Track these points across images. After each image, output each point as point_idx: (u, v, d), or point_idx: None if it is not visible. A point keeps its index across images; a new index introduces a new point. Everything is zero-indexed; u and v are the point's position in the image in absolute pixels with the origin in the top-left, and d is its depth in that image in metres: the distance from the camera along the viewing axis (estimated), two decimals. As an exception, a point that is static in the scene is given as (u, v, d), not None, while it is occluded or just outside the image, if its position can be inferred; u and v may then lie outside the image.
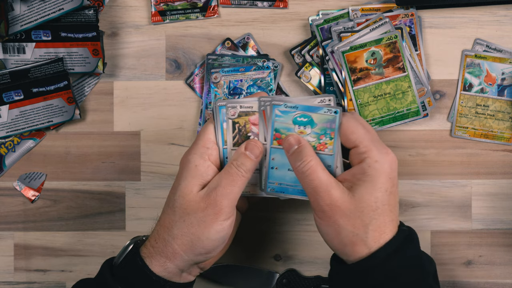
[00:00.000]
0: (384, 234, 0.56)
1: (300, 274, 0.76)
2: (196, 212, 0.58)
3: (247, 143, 0.60)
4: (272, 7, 0.75)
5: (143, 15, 0.76)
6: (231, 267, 0.76)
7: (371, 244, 0.55)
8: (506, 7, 0.75)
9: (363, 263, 0.55)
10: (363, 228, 0.55)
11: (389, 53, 0.71)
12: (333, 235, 0.56)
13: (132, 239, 0.62)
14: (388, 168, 0.56)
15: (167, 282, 0.59)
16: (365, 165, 0.56)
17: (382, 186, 0.55)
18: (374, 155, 0.56)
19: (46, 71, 0.72)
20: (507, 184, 0.75)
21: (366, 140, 0.57)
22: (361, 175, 0.56)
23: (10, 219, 0.77)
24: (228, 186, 0.58)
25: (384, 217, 0.56)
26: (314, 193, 0.56)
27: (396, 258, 0.55)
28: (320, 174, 0.56)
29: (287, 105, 0.59)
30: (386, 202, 0.56)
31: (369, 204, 0.55)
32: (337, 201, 0.55)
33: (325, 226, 0.57)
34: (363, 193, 0.55)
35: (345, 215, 0.55)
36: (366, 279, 0.55)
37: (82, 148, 0.76)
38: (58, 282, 0.77)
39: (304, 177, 0.57)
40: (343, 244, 0.56)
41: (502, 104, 0.74)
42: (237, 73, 0.74)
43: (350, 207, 0.55)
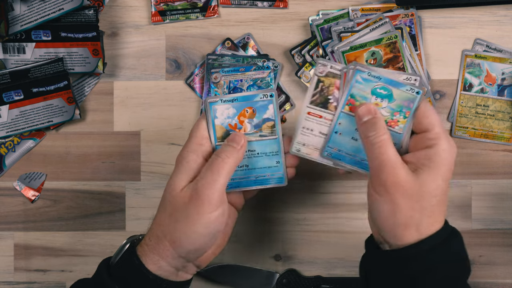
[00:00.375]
0: (435, 223, 0.55)
1: (300, 274, 0.76)
2: (182, 207, 0.57)
3: (231, 135, 0.60)
4: (272, 7, 0.75)
5: (143, 15, 0.76)
6: (231, 267, 0.76)
7: (422, 230, 0.54)
8: (506, 7, 0.75)
9: (410, 248, 0.54)
10: (420, 212, 0.54)
11: (389, 53, 0.71)
12: (388, 214, 0.55)
13: (129, 238, 0.62)
14: (452, 159, 0.56)
15: (163, 281, 0.59)
16: (432, 152, 0.55)
17: (445, 175, 0.55)
18: (443, 143, 0.55)
19: (46, 71, 0.72)
20: (507, 184, 0.75)
21: (438, 127, 0.56)
22: (426, 160, 0.55)
23: (10, 219, 0.77)
24: (209, 176, 0.57)
25: (439, 206, 0.55)
26: (380, 167, 0.55)
27: (442, 250, 0.55)
28: (390, 150, 0.55)
29: (370, 73, 0.58)
30: (444, 191, 0.55)
31: (431, 190, 0.54)
32: (401, 180, 0.54)
33: (382, 203, 0.55)
34: (427, 178, 0.55)
35: (406, 196, 0.54)
36: (408, 267, 0.54)
37: (82, 148, 0.76)
38: (58, 282, 0.77)
39: (373, 148, 0.56)
40: (397, 224, 0.55)
41: (502, 104, 0.74)
42: (237, 73, 0.74)
43: (412, 189, 0.54)
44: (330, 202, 0.76)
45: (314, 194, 0.76)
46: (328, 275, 0.76)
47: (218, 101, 0.61)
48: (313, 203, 0.76)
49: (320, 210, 0.76)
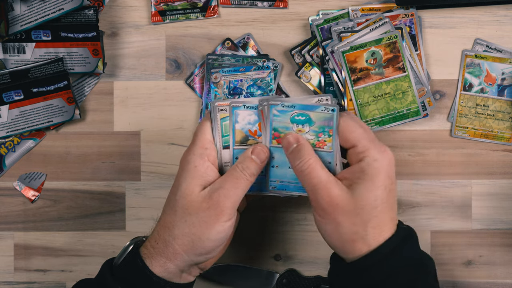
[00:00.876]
0: (383, 232, 0.56)
1: (300, 274, 0.76)
2: (198, 212, 0.58)
3: (254, 147, 0.60)
4: (272, 7, 0.75)
5: (143, 15, 0.76)
6: (231, 267, 0.76)
7: (370, 242, 0.55)
8: (506, 7, 0.75)
9: (362, 261, 0.55)
10: (363, 225, 0.55)
11: (389, 53, 0.71)
12: (332, 233, 0.57)
13: (132, 240, 0.62)
14: (387, 166, 0.56)
15: (167, 283, 0.59)
16: (364, 164, 0.56)
17: (382, 184, 0.55)
18: (373, 154, 0.56)
19: (46, 71, 0.72)
20: (507, 184, 0.75)
21: (365, 140, 0.57)
22: (360, 173, 0.56)
23: (10, 219, 0.77)
24: (231, 188, 0.58)
25: (383, 214, 0.56)
26: (314, 191, 0.56)
27: (395, 256, 0.55)
28: (320, 172, 0.56)
29: (284, 104, 0.60)
30: (385, 200, 0.56)
31: (369, 202, 0.55)
32: (336, 198, 0.55)
33: (324, 224, 0.57)
34: (363, 191, 0.55)
35: (345, 213, 0.55)
36: (365, 277, 0.55)
37: (82, 148, 0.76)
38: (58, 282, 0.77)
39: (303, 175, 0.57)
40: (343, 241, 0.56)
41: (502, 104, 0.74)
42: (237, 73, 0.74)
43: (349, 205, 0.55)
44: (330, 202, 0.76)
45: (314, 194, 0.76)
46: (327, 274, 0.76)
47: (241, 107, 0.61)
48: None
49: (320, 210, 0.76)
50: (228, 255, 0.76)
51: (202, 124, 0.61)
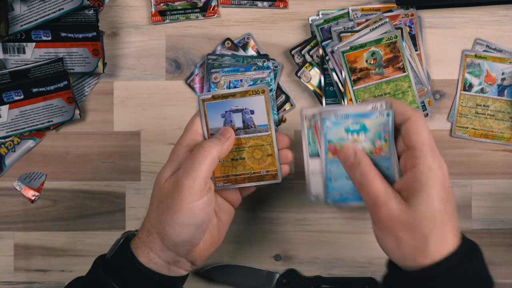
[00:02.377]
0: (445, 244, 0.54)
1: (300, 274, 0.76)
2: (166, 198, 0.58)
3: (220, 130, 0.61)
4: (272, 7, 0.75)
5: (143, 15, 0.76)
6: (231, 267, 0.76)
7: (433, 255, 0.53)
8: (506, 7, 0.75)
9: (424, 272, 0.53)
10: (423, 240, 0.53)
11: (389, 53, 0.71)
12: (393, 247, 0.55)
13: (124, 233, 0.63)
14: (441, 176, 0.54)
15: (156, 274, 0.59)
16: (418, 173, 0.54)
17: (438, 195, 0.53)
18: (428, 162, 0.54)
19: (46, 71, 0.72)
20: (507, 184, 0.75)
21: (426, 145, 0.55)
22: (416, 184, 0.54)
23: (10, 219, 0.77)
24: (189, 165, 0.57)
25: (443, 227, 0.54)
26: (373, 204, 0.55)
27: (459, 271, 0.53)
28: (378, 185, 0.55)
29: (337, 115, 0.58)
30: (444, 211, 0.54)
31: (427, 215, 0.53)
32: (395, 213, 0.54)
33: (384, 239, 0.55)
34: (420, 204, 0.53)
35: (404, 228, 0.53)
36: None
37: (82, 148, 0.76)
38: (58, 282, 0.77)
39: (362, 188, 0.56)
40: (404, 256, 0.54)
41: (502, 104, 0.74)
42: (237, 73, 0.74)
43: (408, 218, 0.53)
44: (330, 202, 0.76)
45: (314, 194, 0.76)
46: (328, 275, 0.76)
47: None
48: (313, 203, 0.76)
49: (320, 210, 0.76)
50: (228, 255, 0.76)
51: (193, 118, 0.62)
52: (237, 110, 0.61)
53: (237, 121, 0.62)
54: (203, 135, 0.62)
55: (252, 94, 0.61)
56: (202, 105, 0.61)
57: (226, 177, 0.63)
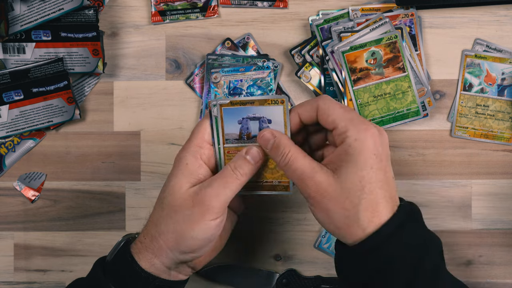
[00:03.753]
0: (378, 213, 0.54)
1: (300, 274, 0.76)
2: (183, 209, 0.57)
3: (248, 148, 0.60)
4: (272, 7, 0.75)
5: (143, 15, 0.76)
6: (231, 267, 0.76)
7: (364, 225, 0.54)
8: (506, 7, 0.75)
9: (360, 246, 0.54)
10: (353, 209, 0.54)
11: (389, 53, 0.71)
12: (326, 220, 0.55)
13: (124, 236, 0.62)
14: (371, 144, 0.54)
15: (156, 279, 0.59)
16: (346, 145, 0.54)
17: (366, 163, 0.54)
18: (353, 134, 0.54)
19: (46, 71, 0.72)
20: (507, 184, 0.75)
21: (345, 120, 0.55)
22: (343, 155, 0.54)
23: (10, 219, 0.77)
24: (219, 187, 0.57)
25: (374, 195, 0.54)
26: (300, 181, 0.55)
27: (395, 238, 0.54)
28: (301, 162, 0.55)
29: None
30: (373, 179, 0.54)
31: (355, 183, 0.53)
32: (322, 185, 0.54)
33: (317, 212, 0.56)
34: (347, 174, 0.54)
35: (333, 198, 0.54)
36: (366, 262, 0.54)
37: (82, 148, 0.76)
38: (58, 282, 0.77)
39: (286, 168, 0.56)
40: (337, 227, 0.55)
41: (502, 104, 0.74)
42: (237, 73, 0.74)
43: (336, 189, 0.54)
44: (330, 202, 0.76)
45: (314, 194, 0.76)
46: (328, 275, 0.76)
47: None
48: None
49: (320, 210, 0.76)
50: (228, 255, 0.76)
51: (200, 122, 0.61)
52: (254, 118, 0.60)
53: (254, 128, 0.61)
54: (211, 142, 0.61)
55: (271, 104, 0.60)
56: (219, 110, 0.60)
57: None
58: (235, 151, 0.61)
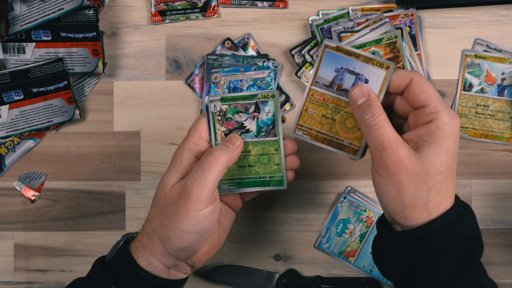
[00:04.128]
0: (444, 199, 0.53)
1: (300, 274, 0.76)
2: (171, 204, 0.57)
3: (227, 137, 0.61)
4: (272, 7, 0.75)
5: (143, 15, 0.76)
6: (231, 267, 0.76)
7: (432, 209, 0.53)
8: (506, 7, 0.75)
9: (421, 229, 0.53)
10: (427, 190, 0.53)
11: (389, 53, 0.71)
12: (394, 196, 0.54)
13: (124, 236, 0.62)
14: (455, 132, 0.54)
15: (155, 278, 0.59)
16: (433, 126, 0.53)
17: (449, 149, 0.53)
18: (444, 117, 0.53)
19: (46, 71, 0.72)
20: (507, 184, 0.75)
21: (437, 101, 0.54)
22: (428, 136, 0.53)
23: (10, 219, 0.77)
24: (199, 173, 0.57)
25: (447, 182, 0.54)
26: (380, 148, 0.54)
27: (454, 228, 0.53)
28: (389, 130, 0.54)
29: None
30: (451, 166, 0.54)
31: (435, 166, 0.53)
32: (403, 159, 0.53)
33: (386, 185, 0.54)
34: (430, 155, 0.53)
35: (410, 175, 0.53)
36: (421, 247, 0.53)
37: (82, 148, 0.76)
38: (58, 282, 0.77)
39: (371, 130, 0.54)
40: (404, 205, 0.53)
41: (502, 104, 0.74)
42: (237, 73, 0.74)
43: (416, 167, 0.53)
44: (330, 202, 0.76)
45: (314, 194, 0.76)
46: (328, 275, 0.76)
47: None
48: (313, 203, 0.76)
49: (320, 210, 0.76)
50: (228, 255, 0.76)
51: (197, 121, 0.62)
52: (353, 72, 0.58)
53: (347, 82, 0.58)
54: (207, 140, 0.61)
55: (375, 64, 0.57)
56: (322, 50, 0.58)
57: (308, 129, 0.60)
58: (319, 96, 0.59)
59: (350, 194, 0.75)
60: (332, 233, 0.75)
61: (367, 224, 0.75)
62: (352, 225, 0.75)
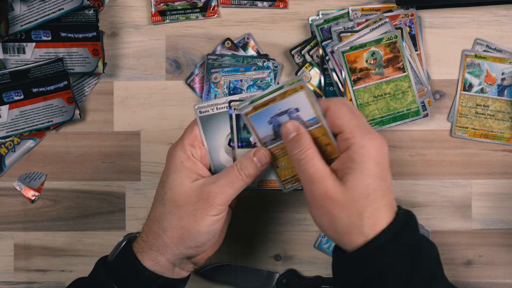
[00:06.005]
0: (379, 220, 0.55)
1: (300, 274, 0.76)
2: (187, 205, 0.58)
3: (256, 150, 0.60)
4: (272, 7, 0.75)
5: (143, 15, 0.76)
6: (231, 267, 0.76)
7: (367, 232, 0.54)
8: (506, 7, 0.75)
9: (359, 252, 0.55)
10: (358, 216, 0.54)
11: (389, 53, 0.71)
12: (328, 225, 0.56)
13: (126, 236, 0.62)
14: (375, 153, 0.55)
15: (159, 277, 0.59)
16: (352, 152, 0.55)
17: (371, 172, 0.54)
18: (360, 141, 0.55)
19: (46, 71, 0.72)
20: (507, 184, 0.75)
21: (352, 126, 0.56)
22: (349, 163, 0.55)
23: (10, 219, 0.77)
24: (224, 186, 0.58)
25: (377, 203, 0.55)
26: (309, 181, 0.56)
27: (392, 245, 0.54)
28: (316, 162, 0.56)
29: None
30: (377, 187, 0.55)
31: (361, 192, 0.54)
32: (330, 191, 0.55)
33: (319, 216, 0.56)
34: (353, 182, 0.54)
35: (339, 206, 0.54)
36: (364, 268, 0.55)
37: (82, 148, 0.76)
38: (58, 282, 0.77)
39: (300, 164, 0.57)
40: (339, 234, 0.55)
41: (502, 104, 0.74)
42: (237, 73, 0.74)
43: (343, 197, 0.54)
44: (330, 202, 0.76)
45: (314, 194, 0.76)
46: (328, 275, 0.76)
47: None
48: None
49: (320, 210, 0.76)
50: (228, 255, 0.76)
51: (193, 122, 0.62)
52: (282, 113, 0.60)
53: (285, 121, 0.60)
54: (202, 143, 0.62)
55: (291, 93, 0.59)
56: (247, 121, 0.60)
57: (293, 178, 0.63)
58: (277, 150, 0.61)
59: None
60: None
61: None
62: (352, 225, 0.75)
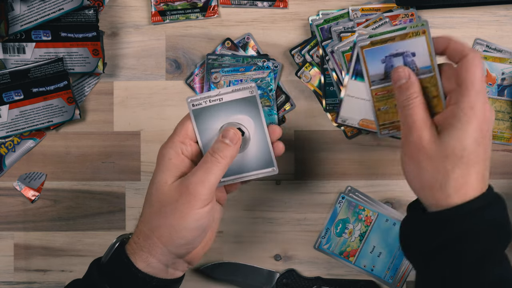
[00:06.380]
0: (466, 185, 0.54)
1: (300, 274, 0.76)
2: (171, 202, 0.57)
3: (224, 131, 0.59)
4: (272, 7, 0.75)
5: (143, 15, 0.76)
6: (231, 265, 0.76)
7: (451, 193, 0.54)
8: (506, 7, 0.75)
9: (446, 212, 0.54)
10: (444, 173, 0.54)
11: (389, 53, 0.71)
12: (414, 175, 0.56)
13: (119, 237, 0.62)
14: (481, 117, 0.54)
15: (153, 279, 0.59)
16: (458, 109, 0.54)
17: (472, 135, 0.53)
18: (471, 100, 0.54)
19: (46, 71, 0.73)
20: (507, 184, 0.75)
21: (474, 84, 0.54)
22: (452, 119, 0.54)
23: (10, 219, 0.77)
24: (202, 174, 0.57)
25: (468, 167, 0.54)
26: (407, 128, 0.56)
27: (483, 213, 0.53)
28: (419, 112, 0.56)
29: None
30: (473, 152, 0.54)
31: (455, 151, 0.53)
32: (424, 141, 0.55)
33: (408, 164, 0.56)
34: (450, 139, 0.54)
35: (428, 157, 0.54)
36: (442, 231, 0.54)
37: (82, 148, 0.76)
38: (58, 282, 0.77)
39: (405, 110, 0.57)
40: (422, 186, 0.55)
41: (502, 104, 0.74)
42: (237, 73, 0.74)
43: (435, 150, 0.54)
44: (330, 202, 0.76)
45: (314, 194, 0.76)
46: (328, 275, 0.76)
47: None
48: (313, 203, 0.76)
49: (320, 210, 0.76)
50: (228, 255, 0.76)
51: (183, 120, 0.61)
52: (397, 54, 0.59)
53: (398, 65, 0.60)
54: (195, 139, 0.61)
55: (412, 36, 0.58)
56: (361, 53, 0.60)
57: (391, 124, 0.62)
58: (382, 91, 0.61)
59: (349, 194, 0.75)
60: (332, 234, 0.75)
61: (366, 223, 0.75)
62: (352, 224, 0.75)
